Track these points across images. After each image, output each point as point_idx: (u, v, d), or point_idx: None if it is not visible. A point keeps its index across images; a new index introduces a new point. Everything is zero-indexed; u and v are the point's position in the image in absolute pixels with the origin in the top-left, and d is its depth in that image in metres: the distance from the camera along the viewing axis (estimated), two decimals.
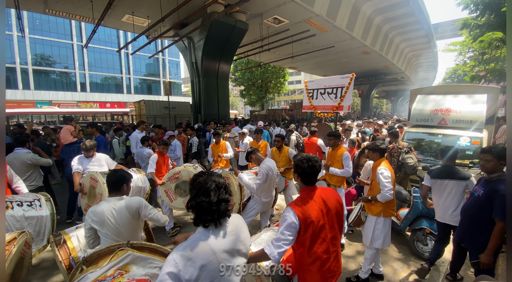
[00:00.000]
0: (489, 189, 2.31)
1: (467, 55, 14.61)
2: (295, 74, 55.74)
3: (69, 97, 35.28)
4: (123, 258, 1.56)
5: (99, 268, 1.48)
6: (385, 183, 2.79)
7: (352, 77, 5.14)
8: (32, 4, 11.07)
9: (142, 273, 1.50)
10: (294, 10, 11.82)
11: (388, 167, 2.93)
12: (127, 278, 1.44)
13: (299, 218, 1.64)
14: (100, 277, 1.43)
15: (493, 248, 2.23)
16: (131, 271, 1.50)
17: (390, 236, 3.00)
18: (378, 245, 2.92)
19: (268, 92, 28.49)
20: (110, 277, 1.42)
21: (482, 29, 7.50)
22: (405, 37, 21.40)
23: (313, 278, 1.73)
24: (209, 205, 1.25)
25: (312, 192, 1.78)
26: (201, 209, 1.26)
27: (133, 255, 1.59)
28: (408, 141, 5.38)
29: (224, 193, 1.31)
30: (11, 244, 1.95)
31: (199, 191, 1.28)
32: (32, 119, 19.96)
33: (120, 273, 1.46)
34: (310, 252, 1.70)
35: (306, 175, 1.77)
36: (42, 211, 2.77)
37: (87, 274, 1.45)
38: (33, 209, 2.73)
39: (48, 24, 32.89)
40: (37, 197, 2.90)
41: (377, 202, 2.91)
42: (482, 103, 4.82)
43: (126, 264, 1.53)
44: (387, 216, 2.93)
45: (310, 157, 1.79)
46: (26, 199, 2.80)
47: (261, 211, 3.54)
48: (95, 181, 3.28)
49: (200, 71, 12.70)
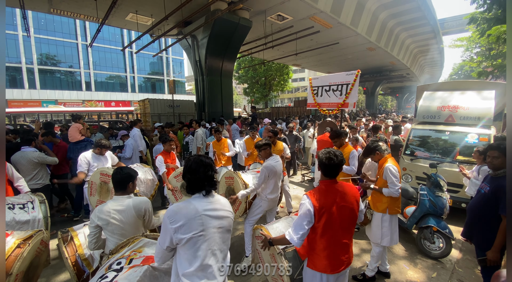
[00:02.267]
0: (495, 186, 2.29)
1: (474, 51, 14.40)
2: (298, 72, 55.45)
3: (74, 96, 35.65)
4: (137, 243, 1.88)
5: (119, 253, 1.81)
6: (394, 181, 2.79)
7: (357, 74, 5.09)
8: (37, 4, 11.16)
9: (152, 252, 1.77)
10: (298, 7, 11.73)
11: (395, 164, 2.91)
12: (139, 255, 1.75)
13: (314, 206, 1.76)
14: (119, 257, 1.77)
15: (500, 245, 2.22)
16: (143, 252, 1.80)
17: (397, 233, 2.99)
18: (386, 242, 2.91)
19: (271, 90, 28.43)
20: (127, 256, 1.76)
21: (490, 23, 7.37)
22: (410, 33, 21.09)
23: (321, 263, 1.84)
24: (197, 180, 1.58)
25: (332, 185, 1.88)
26: (190, 182, 1.59)
27: (146, 240, 1.91)
28: (414, 138, 5.33)
29: (210, 171, 1.61)
30: (26, 242, 1.98)
31: (190, 168, 1.59)
32: (39, 118, 20.21)
33: (134, 253, 1.78)
34: (321, 239, 1.82)
35: (324, 167, 1.88)
36: (34, 213, 2.70)
37: (110, 260, 1.78)
38: (25, 211, 2.66)
39: (53, 23, 33.16)
40: (31, 199, 2.83)
41: (382, 198, 2.90)
42: (490, 99, 4.75)
43: (139, 247, 1.85)
44: (392, 213, 2.92)
45: (330, 150, 1.90)
46: (19, 201, 2.74)
47: (267, 209, 3.54)
48: (107, 176, 3.29)
49: (204, 69, 12.70)
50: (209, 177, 1.60)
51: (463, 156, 4.59)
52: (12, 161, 3.82)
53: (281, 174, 3.50)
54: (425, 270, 3.26)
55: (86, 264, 2.21)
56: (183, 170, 1.65)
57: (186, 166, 1.63)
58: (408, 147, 5.31)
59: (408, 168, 5.13)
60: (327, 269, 1.83)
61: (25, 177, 3.91)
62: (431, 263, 3.41)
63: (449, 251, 3.42)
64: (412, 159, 5.12)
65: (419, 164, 4.99)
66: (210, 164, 1.64)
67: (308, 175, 7.36)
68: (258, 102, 30.39)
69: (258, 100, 29.68)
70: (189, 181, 1.60)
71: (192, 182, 1.59)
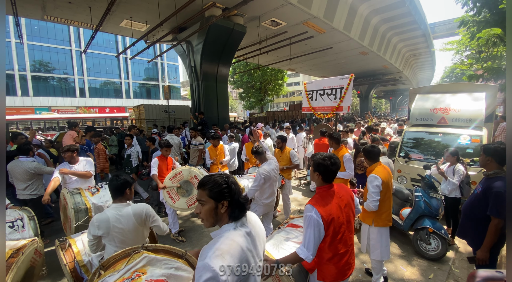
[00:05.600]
0: (485, 186, 2.34)
1: (464, 54, 14.69)
2: (293, 76, 55.92)
3: (68, 103, 35.28)
4: (139, 261, 1.58)
5: (116, 271, 1.50)
6: (371, 193, 2.61)
7: (351, 78, 5.17)
8: (30, 11, 11.10)
9: (159, 274, 1.51)
10: (292, 13, 11.88)
11: (382, 174, 2.66)
12: (145, 279, 1.46)
13: (322, 216, 1.68)
14: (118, 280, 1.45)
15: (489, 244, 2.25)
16: (148, 272, 1.52)
17: (388, 247, 2.81)
18: (376, 256, 2.77)
19: (267, 94, 28.56)
20: (128, 279, 1.44)
21: (479, 26, 7.56)
22: (402, 37, 21.50)
23: (331, 273, 1.80)
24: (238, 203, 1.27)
25: (331, 189, 1.84)
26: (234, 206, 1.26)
27: (148, 257, 1.62)
28: (408, 140, 5.41)
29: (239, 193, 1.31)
30: (19, 252, 1.94)
31: (233, 190, 1.26)
32: (32, 125, 19.95)
33: (137, 275, 1.48)
34: (330, 247, 1.77)
35: (328, 173, 1.82)
36: (25, 232, 2.60)
37: (105, 279, 1.47)
38: (16, 231, 2.54)
39: (47, 30, 32.97)
40: (20, 216, 2.72)
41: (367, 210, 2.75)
42: (481, 101, 4.85)
43: (142, 266, 1.56)
44: (379, 226, 2.73)
45: (331, 155, 1.85)
46: (8, 218, 2.61)
47: (263, 213, 3.53)
48: (65, 202, 3.12)
49: (199, 75, 12.73)
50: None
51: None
52: (7, 169, 3.77)
53: (276, 178, 3.51)
54: (422, 271, 3.28)
55: (85, 270, 2.19)
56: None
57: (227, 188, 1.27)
58: (402, 149, 5.38)
59: (403, 170, 5.18)
60: (338, 277, 1.79)
61: (19, 186, 3.86)
62: (428, 264, 3.43)
63: (445, 252, 3.45)
64: (406, 161, 5.17)
65: (413, 165, 5.05)
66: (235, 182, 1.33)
67: (305, 179, 7.38)
68: (253, 107, 30.48)
69: (254, 104, 29.77)
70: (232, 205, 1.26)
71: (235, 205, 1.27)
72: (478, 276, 0.91)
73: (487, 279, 0.90)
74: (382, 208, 2.69)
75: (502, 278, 0.89)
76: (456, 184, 3.74)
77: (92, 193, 3.34)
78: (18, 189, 3.89)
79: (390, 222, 2.78)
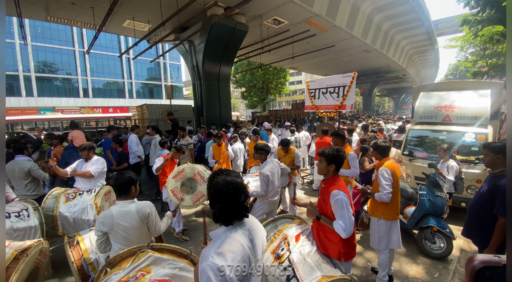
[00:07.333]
0: (492, 185, 2.29)
1: (468, 51, 14.55)
2: (295, 75, 55.70)
3: (72, 103, 35.56)
4: (144, 260, 1.60)
5: (122, 270, 1.52)
6: (384, 185, 2.72)
7: (354, 76, 5.12)
8: (34, 12, 11.19)
9: (163, 274, 1.53)
10: (294, 11, 11.84)
11: (392, 167, 2.79)
12: (149, 279, 1.47)
13: (348, 196, 2.03)
14: (123, 278, 1.47)
15: (496, 244, 2.21)
16: (152, 272, 1.54)
17: (399, 237, 2.87)
18: (383, 247, 2.83)
19: (269, 93, 28.52)
20: (133, 278, 1.46)
21: (483, 24, 7.46)
22: (405, 35, 21.33)
23: (352, 251, 2.12)
24: (233, 208, 1.26)
25: (339, 177, 2.18)
26: (224, 211, 1.25)
27: (153, 257, 1.63)
28: (412, 138, 5.36)
29: (243, 196, 1.29)
30: (24, 254, 1.95)
31: (220, 193, 1.25)
32: (36, 125, 20.14)
33: (142, 274, 1.50)
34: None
35: (341, 163, 2.14)
36: (30, 221, 2.70)
37: (111, 276, 1.49)
38: (22, 219, 2.66)
39: (50, 31, 33.20)
40: (25, 206, 2.82)
41: (377, 203, 2.84)
42: (486, 98, 4.79)
43: (147, 265, 1.58)
44: (388, 219, 2.81)
45: (339, 148, 2.16)
46: (14, 209, 2.72)
47: (267, 211, 3.55)
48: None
49: (201, 74, 12.75)
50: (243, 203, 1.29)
51: (461, 155, 4.61)
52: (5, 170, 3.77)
53: (279, 175, 3.54)
54: (426, 270, 3.25)
55: (92, 268, 2.21)
56: (208, 194, 1.32)
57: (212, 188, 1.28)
58: (406, 147, 5.34)
59: (407, 168, 5.14)
60: (353, 253, 2.20)
61: (18, 187, 3.79)
62: (433, 263, 3.41)
63: (450, 251, 3.42)
64: (410, 159, 5.14)
65: (417, 164, 5.01)
66: (243, 185, 1.32)
67: (308, 178, 7.36)
68: (256, 105, 30.45)
69: (256, 103, 29.74)
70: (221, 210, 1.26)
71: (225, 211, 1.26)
72: (476, 259, 0.91)
73: (484, 262, 0.90)
74: (392, 200, 2.79)
75: (500, 262, 0.89)
76: (452, 180, 3.86)
77: (67, 198, 3.27)
78: (18, 190, 3.82)
79: (398, 215, 2.89)
